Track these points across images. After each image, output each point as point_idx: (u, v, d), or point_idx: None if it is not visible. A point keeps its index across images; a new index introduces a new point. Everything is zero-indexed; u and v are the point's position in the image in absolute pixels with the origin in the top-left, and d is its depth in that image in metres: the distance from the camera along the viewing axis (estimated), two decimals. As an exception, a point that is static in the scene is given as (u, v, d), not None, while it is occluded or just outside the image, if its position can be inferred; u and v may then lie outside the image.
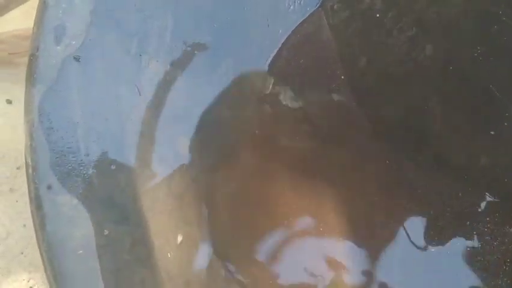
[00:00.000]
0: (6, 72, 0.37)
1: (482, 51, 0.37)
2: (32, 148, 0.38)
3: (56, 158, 0.38)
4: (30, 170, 0.37)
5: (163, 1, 0.40)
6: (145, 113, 0.40)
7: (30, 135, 0.38)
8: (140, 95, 0.40)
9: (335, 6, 0.42)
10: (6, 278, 0.41)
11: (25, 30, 0.38)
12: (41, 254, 0.36)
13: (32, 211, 0.37)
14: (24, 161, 0.36)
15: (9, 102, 0.43)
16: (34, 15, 0.39)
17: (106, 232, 0.36)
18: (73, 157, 0.38)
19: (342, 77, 0.41)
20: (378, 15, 0.40)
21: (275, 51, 0.42)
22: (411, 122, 0.40)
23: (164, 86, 0.41)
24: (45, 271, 0.36)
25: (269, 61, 0.42)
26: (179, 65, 0.41)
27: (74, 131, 0.38)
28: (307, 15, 0.42)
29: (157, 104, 0.40)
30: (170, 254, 0.38)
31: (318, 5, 0.42)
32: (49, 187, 0.37)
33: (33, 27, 0.39)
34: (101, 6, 0.40)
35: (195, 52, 0.41)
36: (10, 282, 0.41)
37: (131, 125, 0.40)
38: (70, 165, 0.38)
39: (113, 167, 0.39)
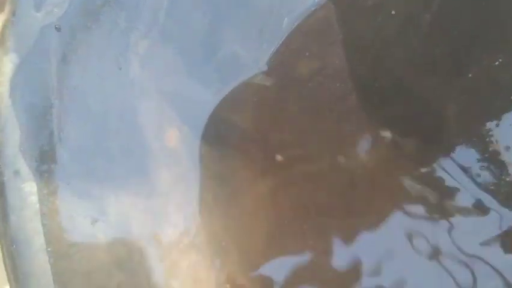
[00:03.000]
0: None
1: (504, 61, 0.35)
2: (-1, 126, 0.33)
3: (26, 140, 0.33)
4: (-5, 151, 0.33)
5: (160, -26, 0.36)
6: (130, 96, 0.36)
7: (-2, 111, 0.33)
8: (124, 75, 0.36)
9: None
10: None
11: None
12: (2, 250, 0.31)
13: (-6, 199, 0.32)
14: None
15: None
16: None
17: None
18: (46, 141, 0.33)
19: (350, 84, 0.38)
20: (393, 11, 0.38)
21: (277, 43, 0.39)
22: (424, 125, 0.37)
23: (154, 68, 0.36)
24: (6, 269, 0.31)
25: (270, 53, 0.39)
26: (172, 47, 0.37)
27: (49, 111, 0.34)
28: (316, 6, 0.39)
29: (144, 88, 0.36)
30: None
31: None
32: (16, 173, 0.32)
33: (10, -12, 0.34)
34: (89, -28, 0.35)
35: (191, 34, 0.37)
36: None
37: (114, 108, 0.35)
38: (42, 149, 0.33)
39: (91, 155, 0.34)
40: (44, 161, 0.33)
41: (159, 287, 0.33)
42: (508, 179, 0.36)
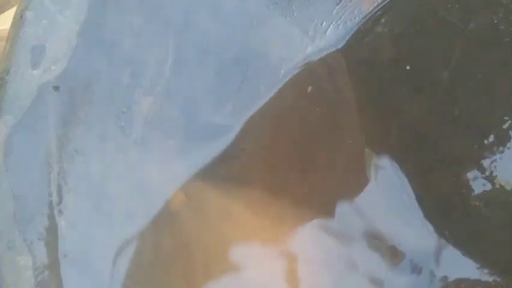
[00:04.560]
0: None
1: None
2: (-8, 194, 0.31)
3: (21, 209, 0.31)
4: (-13, 222, 0.30)
5: (165, 29, 0.34)
6: (132, 160, 0.34)
7: (-9, 178, 0.31)
8: (126, 136, 0.34)
9: (358, 51, 0.37)
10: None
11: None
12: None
13: (-14, 273, 0.30)
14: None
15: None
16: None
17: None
18: (44, 210, 0.31)
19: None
20: (408, 67, 0.36)
21: (288, 95, 0.37)
22: (442, 183, 0.35)
23: (158, 127, 0.34)
24: None
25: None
26: (177, 103, 0.35)
27: (46, 177, 0.31)
28: (326, 59, 0.37)
29: (148, 150, 0.34)
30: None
31: (339, 48, 0.37)
32: (10, 245, 0.30)
33: (5, 45, 0.32)
34: (90, 26, 0.33)
35: (196, 90, 0.35)
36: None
37: (115, 173, 0.33)
38: (38, 218, 0.31)
39: (91, 222, 0.32)
40: (40, 231, 0.31)
41: None
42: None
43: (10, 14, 0.50)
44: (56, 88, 0.32)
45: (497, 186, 0.34)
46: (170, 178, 0.34)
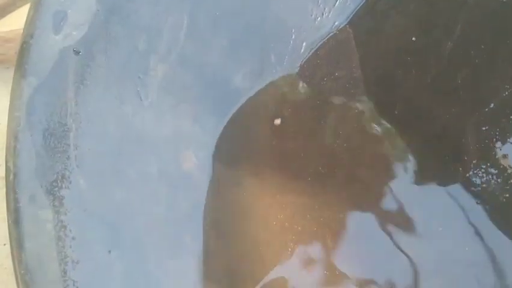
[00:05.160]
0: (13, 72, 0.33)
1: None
2: (15, 151, 0.32)
3: (43, 165, 0.32)
4: (11, 177, 0.32)
5: (180, -4, 0.36)
6: (148, 122, 0.35)
7: (15, 136, 0.32)
8: (141, 100, 0.35)
9: (366, 23, 0.38)
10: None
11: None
12: (16, 278, 0.31)
13: (9, 225, 0.32)
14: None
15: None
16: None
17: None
18: (63, 166, 0.33)
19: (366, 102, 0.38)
20: (414, 38, 0.37)
21: (296, 65, 0.38)
22: (443, 150, 0.36)
23: (173, 92, 0.36)
24: (20, 298, 0.30)
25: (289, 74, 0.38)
26: (191, 69, 0.36)
27: (66, 135, 0.33)
28: (334, 30, 0.39)
29: (162, 113, 0.36)
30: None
31: (347, 20, 0.38)
32: (32, 199, 0.32)
33: (29, 11, 0.34)
34: (109, -6, 0.35)
35: (210, 57, 0.37)
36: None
37: (132, 133, 0.35)
38: (58, 174, 0.32)
39: (108, 180, 0.34)
40: (61, 187, 0.32)
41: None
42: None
43: (15, 15, 0.49)
44: (77, 53, 0.34)
45: (497, 151, 0.35)
46: (183, 141, 0.36)
